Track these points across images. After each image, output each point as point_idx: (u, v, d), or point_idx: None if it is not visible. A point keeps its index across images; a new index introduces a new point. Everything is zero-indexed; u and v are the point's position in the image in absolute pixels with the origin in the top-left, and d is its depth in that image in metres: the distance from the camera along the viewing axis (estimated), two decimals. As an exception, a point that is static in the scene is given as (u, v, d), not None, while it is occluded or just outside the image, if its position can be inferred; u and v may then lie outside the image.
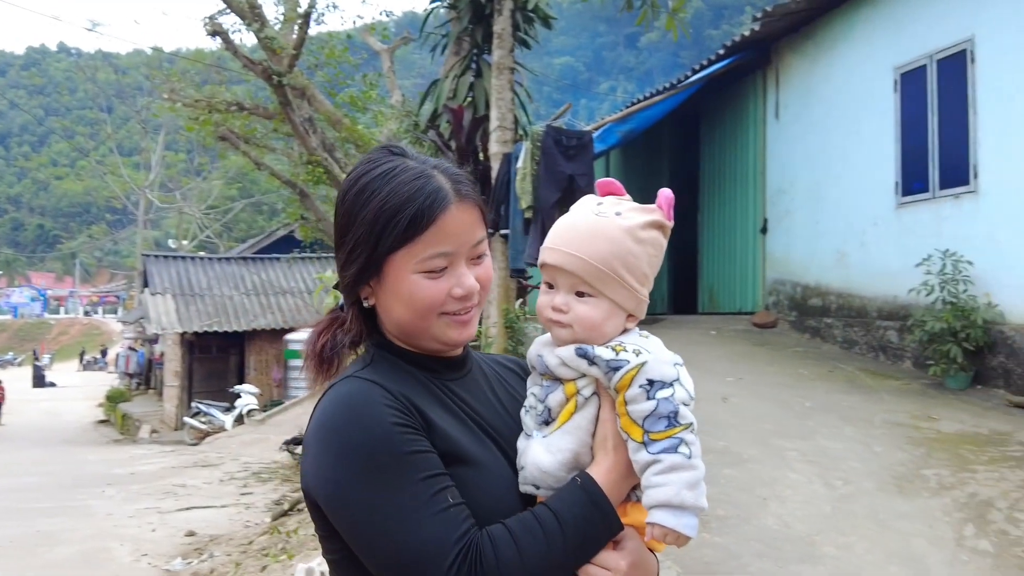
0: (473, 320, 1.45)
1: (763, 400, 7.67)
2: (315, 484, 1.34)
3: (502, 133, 8.96)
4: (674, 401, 1.33)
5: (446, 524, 1.26)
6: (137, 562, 7.11)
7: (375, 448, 1.29)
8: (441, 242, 1.38)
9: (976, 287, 7.99)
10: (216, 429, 18.46)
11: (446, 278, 1.39)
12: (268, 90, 12.90)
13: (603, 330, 1.41)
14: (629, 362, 1.34)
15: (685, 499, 1.30)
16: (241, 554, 7.01)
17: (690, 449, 1.33)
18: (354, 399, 1.34)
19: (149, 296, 22.16)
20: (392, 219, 1.37)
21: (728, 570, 4.42)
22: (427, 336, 1.43)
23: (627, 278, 1.40)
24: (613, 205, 1.45)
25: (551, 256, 1.42)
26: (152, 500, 9.87)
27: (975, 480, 5.50)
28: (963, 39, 8.39)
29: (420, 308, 1.39)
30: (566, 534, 1.30)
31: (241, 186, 51.61)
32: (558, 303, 1.41)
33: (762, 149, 11.75)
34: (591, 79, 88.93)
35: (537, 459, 1.39)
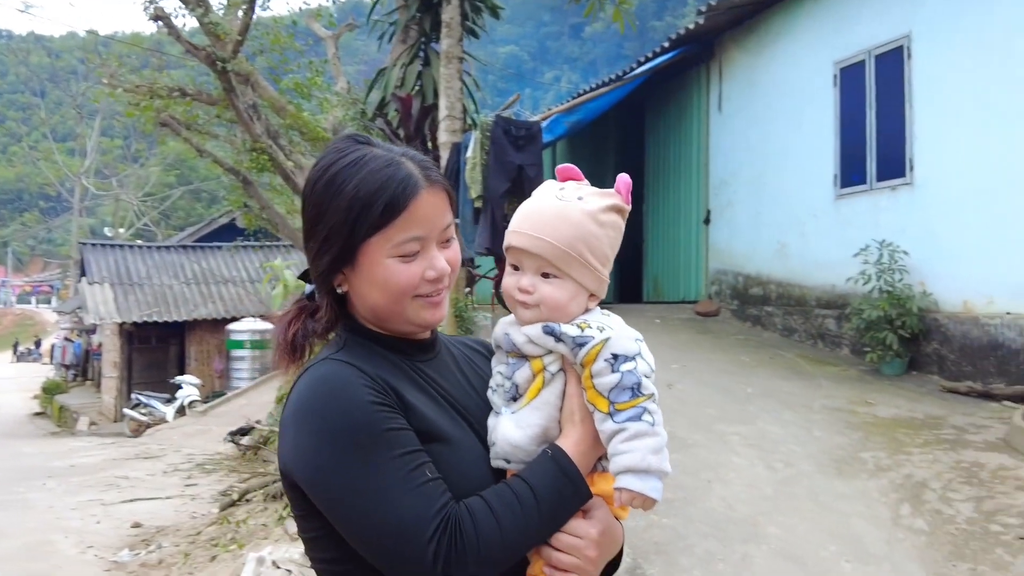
0: (444, 301, 1.50)
1: (707, 387, 7.83)
2: (294, 465, 1.37)
3: (451, 122, 8.99)
4: (637, 373, 1.39)
5: (425, 498, 1.31)
6: (83, 554, 7.01)
7: (354, 427, 1.33)
8: (414, 227, 1.42)
9: (911, 276, 8.25)
10: (157, 421, 18.18)
11: (419, 261, 1.44)
12: (210, 76, 12.72)
13: (568, 310, 1.47)
14: (594, 338, 1.41)
15: (651, 463, 1.36)
16: (190, 544, 6.96)
17: (653, 417, 1.39)
18: (331, 380, 1.38)
19: (87, 285, 21.69)
20: (366, 206, 1.41)
21: (676, 550, 4.54)
22: (401, 319, 1.48)
23: (590, 259, 1.46)
24: (575, 190, 1.50)
25: (517, 239, 1.48)
26: (94, 492, 9.71)
27: (910, 462, 5.70)
28: (900, 35, 8.63)
29: (395, 292, 1.44)
30: (540, 504, 1.36)
31: (179, 173, 50.70)
32: (524, 284, 1.47)
33: (705, 141, 11.95)
34: (535, 68, 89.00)
35: (507, 434, 1.45)
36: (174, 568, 6.46)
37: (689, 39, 11.60)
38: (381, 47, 12.01)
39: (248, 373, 20.14)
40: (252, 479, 8.74)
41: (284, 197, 15.69)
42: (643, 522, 4.85)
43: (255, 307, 22.03)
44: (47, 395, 26.76)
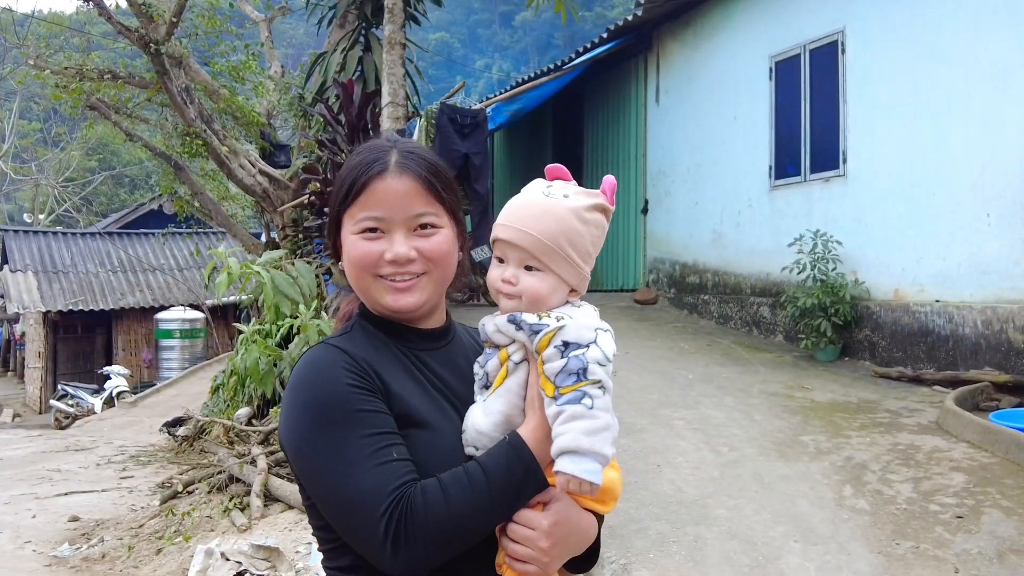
0: (414, 288, 1.56)
1: (648, 373, 7.97)
2: (283, 437, 1.52)
3: (394, 109, 8.93)
4: (585, 359, 1.42)
5: (386, 475, 1.39)
6: (20, 550, 6.80)
7: (329, 405, 1.44)
8: (371, 206, 1.54)
9: (844, 265, 8.52)
10: (85, 412, 17.70)
11: (381, 242, 1.54)
12: (135, 58, 12.40)
13: (548, 302, 1.52)
14: (548, 325, 1.46)
15: (581, 444, 1.37)
16: (132, 538, 6.81)
17: (593, 401, 1.40)
18: (316, 362, 1.51)
19: (9, 273, 20.96)
20: (340, 187, 1.58)
21: (630, 533, 4.64)
22: (371, 298, 1.59)
23: (572, 255, 1.52)
24: (561, 188, 1.56)
25: (503, 232, 1.54)
26: (26, 486, 9.40)
27: (849, 445, 5.90)
28: (835, 31, 8.87)
29: (355, 266, 1.56)
30: (491, 483, 1.41)
31: (101, 157, 49.15)
32: (508, 276, 1.53)
33: (643, 132, 12.10)
34: (466, 55, 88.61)
35: (475, 421, 1.52)
36: (118, 562, 6.32)
37: (627, 30, 11.73)
38: (308, 31, 11.89)
39: (178, 363, 19.71)
40: (192, 470, 8.60)
41: (216, 183, 15.42)
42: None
43: (184, 296, 21.55)
44: (-36, 387, 25.83)
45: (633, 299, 11.64)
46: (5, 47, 40.60)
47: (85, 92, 12.43)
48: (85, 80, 12.05)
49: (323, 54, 10.87)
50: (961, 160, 7.59)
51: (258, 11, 16.49)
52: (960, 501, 4.84)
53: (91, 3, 11.19)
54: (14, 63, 34.67)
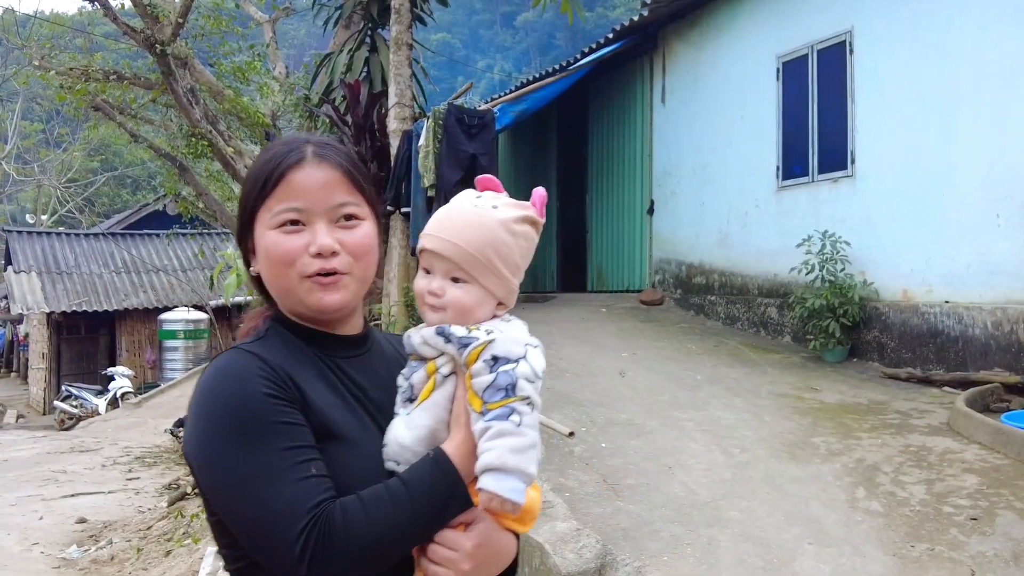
0: (341, 285, 1.49)
1: (656, 374, 7.95)
2: (189, 448, 1.41)
3: (400, 110, 8.94)
4: (514, 374, 1.39)
5: (303, 492, 1.31)
6: (29, 551, 6.81)
7: (244, 415, 1.34)
8: (290, 197, 1.45)
9: (853, 266, 8.50)
10: (89, 413, 17.72)
11: (303, 235, 1.45)
12: (137, 59, 12.40)
13: (475, 315, 1.49)
14: (478, 339, 1.43)
15: (507, 462, 1.35)
16: (141, 540, 6.82)
17: (521, 418, 1.38)
18: (231, 369, 1.40)
19: (12, 274, 20.97)
20: (255, 181, 1.49)
21: (643, 535, 4.62)
22: (294, 299, 1.49)
23: (499, 267, 1.49)
24: (491, 199, 1.54)
25: (429, 242, 1.51)
26: (32, 487, 9.42)
27: (860, 447, 5.89)
28: (843, 30, 8.85)
29: (276, 263, 1.46)
30: (413, 500, 1.36)
31: (104, 158, 49.18)
32: (434, 287, 1.49)
33: (649, 133, 12.08)
34: (468, 56, 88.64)
35: (397, 435, 1.47)
36: (127, 564, 6.33)
37: (632, 31, 11.71)
38: (310, 32, 11.91)
39: (182, 364, 19.74)
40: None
41: (221, 184, 15.42)
42: (609, 508, 4.93)
43: (188, 296, 21.57)
44: (-32, 387, 25.85)
45: (639, 300, 11.62)
46: (7, 48, 40.66)
47: (90, 93, 12.44)
48: (90, 81, 12.07)
49: (329, 55, 10.87)
50: (970, 160, 7.57)
51: (262, 12, 16.51)
52: (974, 503, 4.82)
53: (97, 4, 11.20)
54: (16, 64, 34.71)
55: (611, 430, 6.24)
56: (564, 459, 5.64)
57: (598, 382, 7.54)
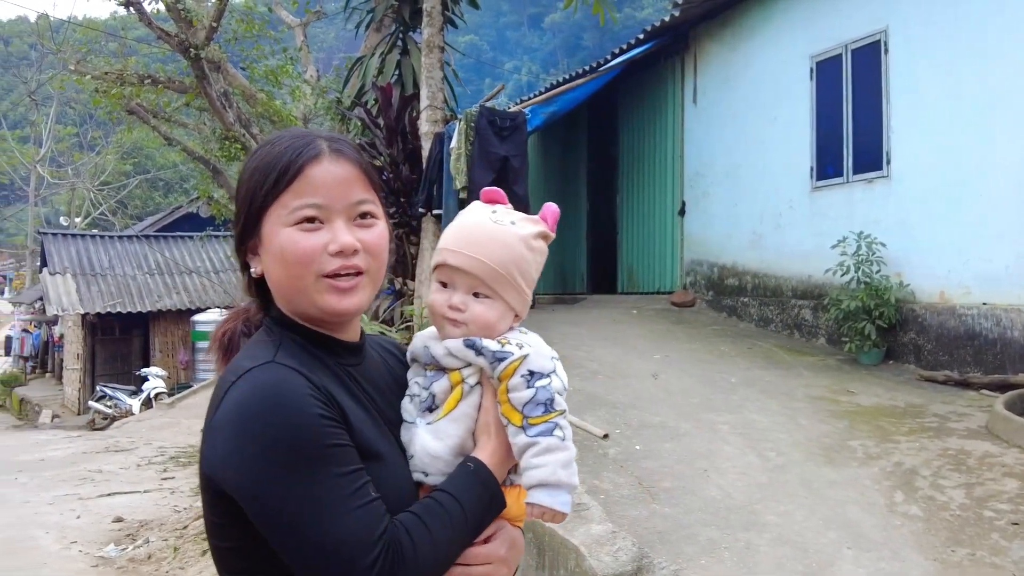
0: (357, 289, 1.43)
1: (689, 376, 7.91)
2: (229, 474, 1.30)
3: (432, 112, 8.96)
4: (551, 390, 1.45)
5: (368, 519, 1.28)
6: (67, 550, 6.90)
7: (301, 441, 1.28)
8: (309, 193, 1.39)
9: (888, 267, 8.41)
10: (123, 413, 17.93)
11: (322, 233, 1.39)
12: (168, 62, 12.52)
13: (497, 329, 1.52)
14: (513, 354, 1.46)
15: (560, 477, 1.42)
16: (177, 539, 6.88)
17: (564, 432, 1.44)
18: (279, 388, 1.31)
19: (48, 276, 21.27)
20: (264, 175, 1.40)
21: (680, 539, 4.60)
22: (307, 301, 1.42)
23: (520, 282, 1.53)
24: (506, 214, 1.56)
25: (453, 258, 1.51)
26: (69, 486, 9.55)
27: (898, 450, 5.82)
28: (877, 30, 8.77)
29: (293, 263, 1.38)
30: (467, 516, 1.38)
31: (136, 161, 49.77)
32: (456, 302, 1.50)
33: (680, 133, 12.03)
34: (495, 58, 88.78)
35: (426, 446, 1.48)
36: (164, 563, 6.39)
37: (663, 31, 11.67)
38: (339, 35, 12.00)
39: (214, 365, 19.89)
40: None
41: (253, 187, 15.51)
42: (645, 511, 4.91)
43: (220, 298, 21.76)
44: (5, 387, 26.25)
45: (670, 301, 11.57)
46: (42, 53, 41.24)
47: (125, 97, 12.60)
48: (125, 85, 12.21)
49: (360, 58, 10.93)
50: (1007, 160, 7.47)
51: (294, 16, 16.63)
52: (1015, 507, 4.76)
53: (133, 9, 11.33)
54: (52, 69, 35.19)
55: (644, 432, 6.22)
56: (598, 461, 5.63)
57: (630, 384, 7.51)
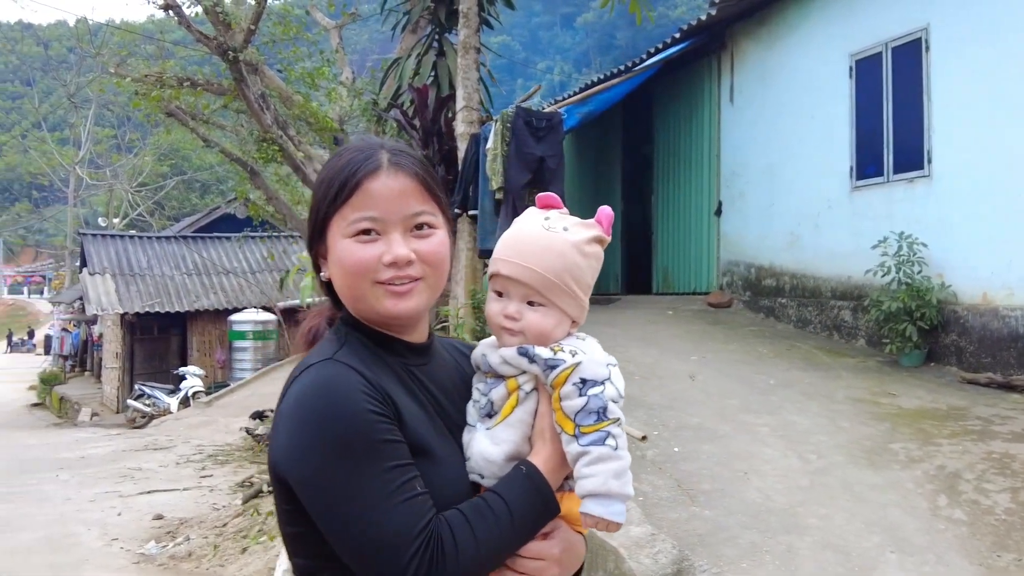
0: (414, 293, 1.48)
1: (727, 378, 7.86)
2: (287, 463, 1.38)
3: (468, 113, 8.97)
4: (603, 398, 1.43)
5: (410, 514, 1.32)
6: (108, 547, 7.00)
7: (351, 434, 1.33)
8: (366, 206, 1.45)
9: (930, 268, 8.30)
10: (161, 412, 18.16)
11: (377, 245, 1.45)
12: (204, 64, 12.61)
13: (552, 336, 1.52)
14: (565, 361, 1.46)
15: (612, 488, 1.40)
16: (217, 536, 6.95)
17: (616, 441, 1.43)
18: (334, 383, 1.38)
19: (88, 276, 21.59)
20: (328, 188, 1.48)
21: (720, 542, 4.57)
22: (366, 305, 1.48)
23: (575, 289, 1.52)
24: (559, 220, 1.56)
25: (506, 268, 1.52)
26: (109, 484, 9.69)
27: (941, 453, 5.74)
28: (918, 28, 8.66)
29: (351, 271, 1.45)
30: (515, 519, 1.39)
31: (173, 162, 50.41)
32: (511, 311, 1.52)
33: (716, 132, 11.96)
34: (528, 58, 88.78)
35: (483, 450, 1.49)
36: (204, 560, 6.47)
37: (699, 30, 11.60)
38: (372, 37, 12.05)
39: (250, 364, 20.12)
40: (272, 470, 8.75)
41: (290, 187, 15.67)
42: (685, 514, 4.89)
43: (257, 298, 21.97)
44: (45, 386, 26.66)
45: (706, 302, 11.50)
46: (81, 56, 41.86)
47: (164, 99, 12.73)
48: (164, 87, 12.34)
49: (397, 60, 10.98)
50: (1053, 159, 7.34)
51: (329, 18, 16.73)
52: (1064, 513, 4.68)
53: (171, 12, 11.45)
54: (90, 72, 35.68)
55: (683, 434, 6.19)
56: (637, 463, 5.60)
57: (667, 385, 7.48)
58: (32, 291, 69.66)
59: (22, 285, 71.82)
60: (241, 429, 11.56)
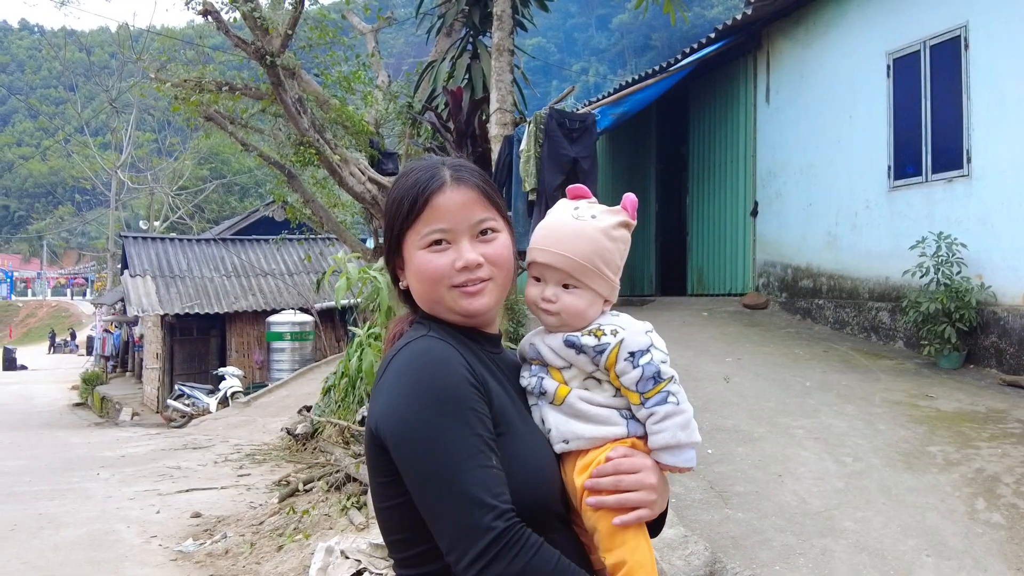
0: (486, 291, 1.62)
1: (763, 380, 7.81)
2: (386, 422, 1.51)
3: (502, 115, 9.00)
4: (654, 363, 1.60)
5: (489, 478, 1.43)
6: (147, 544, 7.11)
7: (449, 396, 1.48)
8: (436, 220, 1.59)
9: (969, 269, 8.18)
10: (200, 412, 18.39)
11: (449, 253, 1.59)
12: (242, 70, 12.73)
13: (587, 315, 1.67)
14: (610, 343, 1.62)
15: (680, 439, 1.58)
16: (253, 535, 7.03)
17: (677, 397, 1.60)
18: (435, 353, 1.54)
19: (128, 278, 21.92)
20: (400, 207, 1.64)
21: (754, 544, 4.55)
22: (443, 308, 1.63)
23: (605, 271, 1.67)
24: (587, 208, 1.71)
25: (540, 256, 1.67)
26: (149, 482, 9.83)
27: (980, 456, 5.67)
28: (957, 25, 8.54)
29: (428, 279, 1.60)
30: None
31: (213, 166, 51.14)
32: (548, 295, 1.67)
33: (752, 132, 11.88)
34: (563, 60, 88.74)
35: (556, 420, 1.64)
36: (241, 558, 6.54)
37: (735, 30, 11.54)
38: (408, 41, 12.12)
39: (288, 365, 20.30)
40: (309, 469, 8.83)
41: (327, 191, 15.80)
42: (718, 516, 4.87)
43: (295, 300, 22.18)
44: (87, 386, 27.09)
45: (742, 304, 11.42)
46: (122, 62, 42.52)
47: (203, 104, 12.88)
48: (203, 92, 12.49)
49: (431, 63, 11.03)
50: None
51: (365, 22, 16.84)
52: (1107, 518, 4.59)
53: (210, 18, 11.60)
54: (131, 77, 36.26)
55: (717, 436, 6.16)
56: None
57: (702, 387, 7.44)
58: (75, 293, 70.90)
59: (65, 287, 73.16)
60: (282, 429, 11.66)
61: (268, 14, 11.19)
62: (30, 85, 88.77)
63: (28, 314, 66.57)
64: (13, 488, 10.03)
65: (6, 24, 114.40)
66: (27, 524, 8.07)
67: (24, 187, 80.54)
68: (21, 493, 9.72)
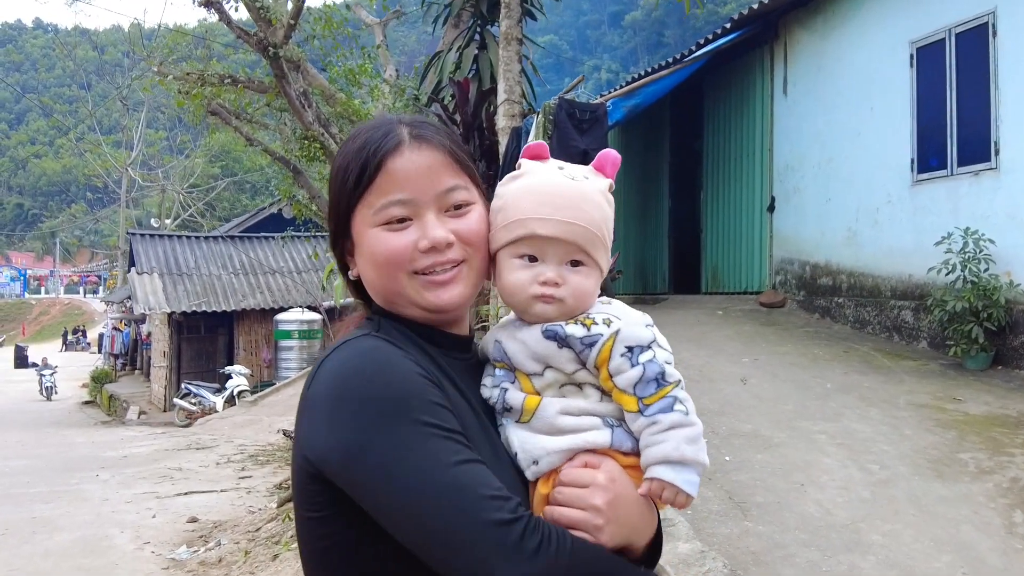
0: (459, 279, 1.31)
1: (781, 381, 7.49)
2: (327, 445, 1.16)
3: (510, 106, 8.69)
4: (658, 362, 1.29)
5: (483, 473, 1.14)
6: (140, 550, 6.87)
7: (404, 394, 1.16)
8: (393, 188, 1.26)
9: (997, 266, 7.85)
10: (206, 410, 18.21)
11: (411, 230, 1.27)
12: (254, 68, 12.52)
13: (591, 299, 1.36)
14: (603, 335, 1.29)
15: (685, 453, 1.25)
16: (249, 542, 6.78)
17: (685, 406, 1.29)
18: (375, 352, 1.20)
19: (136, 276, 21.78)
20: (346, 175, 1.29)
21: (776, 560, 4.24)
22: (404, 301, 1.30)
23: (608, 241, 1.38)
24: (576, 169, 1.41)
25: (544, 227, 1.31)
26: (148, 484, 9.61)
27: (1014, 464, 5.34)
28: (984, 12, 8.20)
29: (383, 264, 1.27)
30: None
31: (224, 164, 51.17)
32: (551, 277, 1.32)
33: (769, 125, 11.54)
34: (575, 57, 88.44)
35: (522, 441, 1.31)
36: (234, 567, 6.28)
37: (751, 20, 11.21)
38: (420, 38, 11.87)
39: (296, 363, 20.14)
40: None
41: (333, 187, 15.54)
42: (737, 529, 4.55)
43: (303, 297, 22.01)
44: (96, 384, 27.03)
45: (758, 302, 11.09)
46: (134, 60, 42.47)
47: (206, 97, 12.66)
48: (206, 85, 12.26)
49: (438, 54, 10.75)
50: None
51: (373, 15, 16.60)
52: None
53: (212, 8, 11.35)
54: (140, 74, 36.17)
55: (735, 442, 5.85)
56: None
57: (718, 389, 7.13)
58: (88, 291, 71.05)
59: (78, 285, 73.32)
60: (280, 431, 11.43)
61: (270, 4, 10.93)
62: (44, 84, 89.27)
63: (41, 312, 66.71)
64: (11, 489, 9.85)
65: (21, 23, 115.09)
66: (20, 528, 7.87)
67: (37, 185, 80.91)
68: (19, 495, 9.53)
